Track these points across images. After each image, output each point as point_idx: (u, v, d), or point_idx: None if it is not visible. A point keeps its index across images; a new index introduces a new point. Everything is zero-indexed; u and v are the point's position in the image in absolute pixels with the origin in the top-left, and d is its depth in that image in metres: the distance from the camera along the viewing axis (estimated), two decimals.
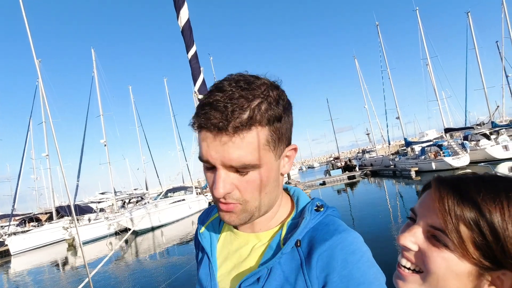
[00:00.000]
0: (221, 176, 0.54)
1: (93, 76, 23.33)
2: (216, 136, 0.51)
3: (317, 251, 0.54)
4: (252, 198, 0.56)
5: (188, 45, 2.27)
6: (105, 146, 22.42)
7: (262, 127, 0.52)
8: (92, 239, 18.30)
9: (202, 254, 0.71)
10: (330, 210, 0.63)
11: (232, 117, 0.50)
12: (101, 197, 33.18)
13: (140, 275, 9.47)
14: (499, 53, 29.95)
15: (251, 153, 0.52)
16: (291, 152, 0.61)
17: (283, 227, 0.62)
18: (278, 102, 0.54)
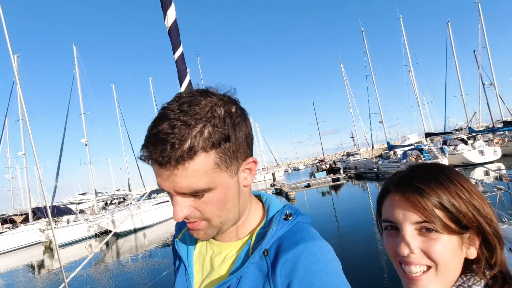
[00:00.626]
0: (178, 202, 0.55)
1: (74, 73, 22.61)
2: (161, 169, 0.52)
3: (281, 259, 0.55)
4: (214, 215, 0.57)
5: (174, 46, 2.26)
6: (86, 145, 21.75)
7: (207, 153, 0.52)
8: (70, 242, 17.67)
9: (179, 262, 0.71)
10: (300, 218, 0.63)
11: (172, 151, 0.49)
12: (81, 198, 32.12)
13: (120, 278, 9.21)
14: (476, 62, 31.36)
15: (199, 179, 0.52)
16: (251, 165, 0.61)
17: (253, 237, 0.64)
18: (225, 122, 0.54)
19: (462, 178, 0.56)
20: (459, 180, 0.55)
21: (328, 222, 12.00)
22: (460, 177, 0.56)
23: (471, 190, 0.54)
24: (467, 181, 0.55)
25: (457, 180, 0.55)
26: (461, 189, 0.54)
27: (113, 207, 25.77)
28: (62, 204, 26.90)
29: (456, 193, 0.53)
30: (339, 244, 8.86)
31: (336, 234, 9.97)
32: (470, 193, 0.54)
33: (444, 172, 0.56)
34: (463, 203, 0.52)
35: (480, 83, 31.35)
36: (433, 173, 0.56)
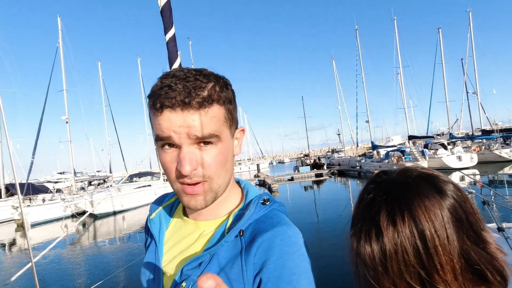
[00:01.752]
0: (187, 153, 0.56)
1: (58, 46, 21.55)
2: (181, 111, 0.54)
3: (258, 240, 0.58)
4: (216, 174, 0.59)
5: (166, 26, 2.18)
6: (66, 123, 21.01)
7: (220, 106, 0.58)
8: (45, 221, 17.18)
9: (150, 240, 0.73)
10: (276, 205, 0.66)
11: (195, 93, 0.54)
12: (59, 177, 31.12)
13: (95, 260, 9.04)
14: (462, 70, 32.20)
15: (214, 124, 0.57)
16: (240, 133, 0.67)
17: (230, 217, 0.65)
18: (227, 87, 0.61)
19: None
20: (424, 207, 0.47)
21: (309, 216, 12.20)
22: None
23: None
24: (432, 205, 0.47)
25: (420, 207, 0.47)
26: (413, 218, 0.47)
27: (93, 188, 25.21)
28: (38, 182, 25.96)
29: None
30: (318, 237, 9.04)
31: (315, 227, 10.16)
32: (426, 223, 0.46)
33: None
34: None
35: (464, 91, 32.30)
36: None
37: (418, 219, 0.46)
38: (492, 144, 24.86)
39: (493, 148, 24.11)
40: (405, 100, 30.16)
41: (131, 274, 7.02)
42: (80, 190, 22.91)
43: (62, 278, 7.47)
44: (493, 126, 29.94)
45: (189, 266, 0.60)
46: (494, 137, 25.08)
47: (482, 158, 22.98)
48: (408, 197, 0.49)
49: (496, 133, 25.82)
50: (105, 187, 22.71)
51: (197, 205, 0.60)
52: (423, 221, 0.46)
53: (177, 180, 0.59)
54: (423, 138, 27.86)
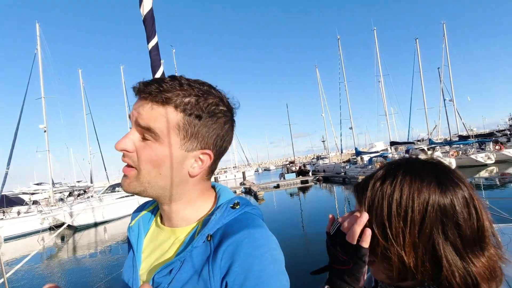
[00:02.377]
0: (129, 133, 0.61)
1: (36, 53, 20.86)
2: (140, 99, 0.60)
3: (225, 243, 0.57)
4: (144, 169, 0.60)
5: (149, 35, 2.16)
6: (45, 132, 20.19)
7: (175, 110, 0.58)
8: (20, 234, 16.31)
9: (129, 247, 0.73)
10: (249, 208, 0.66)
11: (154, 89, 0.58)
12: (36, 188, 29.75)
13: (73, 274, 8.63)
14: (439, 79, 33.62)
15: (158, 122, 0.58)
16: (205, 156, 0.63)
17: (200, 223, 0.65)
18: (207, 107, 0.60)
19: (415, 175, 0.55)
20: (412, 177, 0.55)
21: (295, 222, 12.21)
22: (416, 173, 0.55)
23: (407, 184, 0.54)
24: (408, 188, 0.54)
25: (408, 176, 0.55)
26: (398, 182, 0.55)
27: (72, 199, 24.24)
28: (13, 194, 24.71)
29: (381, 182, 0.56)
30: (304, 241, 9.03)
31: (301, 234, 10.18)
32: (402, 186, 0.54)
33: (402, 166, 0.58)
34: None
35: (441, 99, 33.73)
36: (392, 166, 0.59)
37: (401, 187, 0.54)
38: (468, 149, 25.93)
39: (469, 153, 25.13)
40: (386, 107, 31.10)
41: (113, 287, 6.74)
42: (58, 201, 21.96)
43: None
44: (469, 132, 31.32)
45: (160, 274, 0.60)
46: (470, 142, 26.19)
47: (459, 163, 23.87)
48: (407, 170, 0.56)
49: (472, 139, 26.99)
50: (86, 198, 21.91)
51: (124, 185, 0.62)
52: (405, 191, 0.53)
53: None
54: (404, 144, 28.69)
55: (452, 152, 26.00)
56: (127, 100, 32.17)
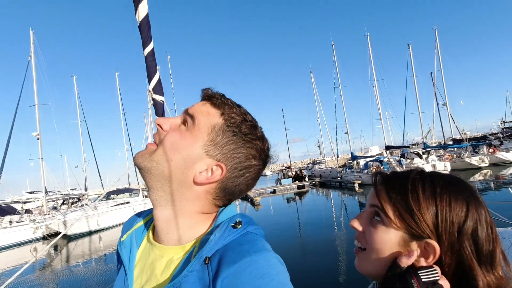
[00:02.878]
0: (173, 117, 0.65)
1: (29, 60, 20.71)
2: (203, 101, 0.65)
3: (223, 273, 0.51)
4: (163, 148, 0.61)
5: (145, 41, 2.18)
6: (38, 139, 19.94)
7: (221, 116, 0.61)
8: (12, 244, 15.98)
9: (120, 265, 0.67)
10: (251, 228, 0.60)
11: (212, 94, 0.65)
12: (28, 197, 29.22)
13: (68, 285, 8.43)
14: (432, 83, 34.13)
15: (201, 115, 0.62)
16: (217, 170, 0.61)
17: (197, 242, 0.60)
18: (242, 128, 0.62)
19: (449, 189, 0.55)
20: (442, 190, 0.54)
21: (291, 228, 12.15)
22: (449, 188, 0.55)
23: (445, 201, 0.53)
24: (447, 202, 0.53)
25: (437, 188, 0.54)
26: (431, 195, 0.54)
27: (66, 207, 23.87)
28: (5, 203, 24.24)
29: (421, 197, 0.54)
30: (301, 249, 8.97)
31: (298, 240, 10.13)
32: (440, 203, 0.53)
33: (429, 178, 0.57)
34: (421, 214, 0.53)
35: (435, 103, 34.20)
36: (411, 176, 0.58)
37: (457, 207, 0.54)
38: (462, 153, 26.24)
39: (463, 156, 25.44)
40: (381, 112, 31.36)
41: None
42: (52, 210, 21.59)
43: None
44: (462, 135, 31.72)
45: None
46: (464, 146, 26.53)
47: (454, 166, 24.14)
48: (450, 189, 0.55)
49: (466, 142, 27.32)
50: (80, 206, 21.58)
51: (137, 156, 0.63)
52: (458, 211, 0.53)
53: None
54: (399, 148, 28.94)
55: (446, 156, 26.27)
56: (122, 107, 32.06)
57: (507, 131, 35.45)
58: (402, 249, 0.55)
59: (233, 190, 0.64)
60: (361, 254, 0.60)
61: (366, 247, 0.59)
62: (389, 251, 0.55)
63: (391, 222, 0.55)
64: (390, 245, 0.55)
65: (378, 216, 0.57)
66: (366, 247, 0.59)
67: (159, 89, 2.28)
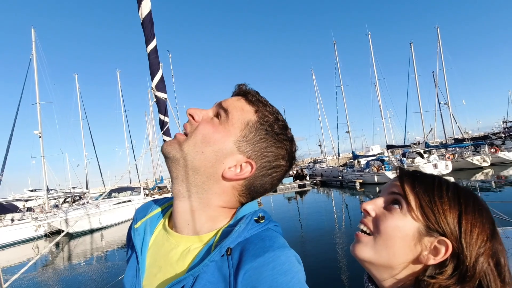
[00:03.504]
0: (206, 109, 0.64)
1: (31, 58, 20.77)
2: (239, 95, 0.65)
3: (245, 266, 0.51)
4: (194, 139, 0.60)
5: (148, 38, 2.17)
6: (39, 138, 20.03)
7: (255, 113, 0.62)
8: (14, 242, 16.04)
9: (132, 252, 0.66)
10: (271, 225, 0.60)
11: (253, 95, 0.64)
12: (30, 195, 29.43)
13: (70, 282, 8.48)
14: (434, 82, 34.03)
15: (236, 110, 0.61)
16: (247, 166, 0.61)
17: (218, 234, 0.59)
18: (274, 128, 0.62)
19: (468, 198, 0.55)
20: (462, 196, 0.54)
21: (292, 227, 12.16)
22: (466, 196, 0.55)
23: (468, 209, 0.53)
24: (471, 202, 0.54)
25: (458, 195, 0.54)
26: (454, 200, 0.53)
27: (67, 205, 23.96)
28: (7, 200, 24.37)
29: (445, 197, 0.53)
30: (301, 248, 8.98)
31: (299, 239, 10.12)
32: (464, 210, 0.53)
33: (450, 183, 0.57)
34: (446, 209, 0.53)
35: (437, 102, 34.11)
36: (439, 178, 0.58)
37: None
38: (464, 152, 26.17)
39: (465, 156, 25.37)
40: (382, 111, 31.29)
41: None
42: (53, 208, 21.68)
43: None
44: (464, 135, 31.64)
45: None
46: (466, 145, 26.45)
47: (456, 165, 24.09)
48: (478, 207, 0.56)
49: (468, 142, 27.26)
50: (81, 204, 21.66)
51: (166, 144, 0.63)
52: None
53: None
54: (400, 147, 28.87)
55: (448, 155, 26.22)
56: (123, 105, 32.08)
57: (509, 131, 35.37)
58: (414, 241, 0.53)
59: (258, 188, 0.63)
60: (365, 238, 0.58)
61: (375, 232, 0.57)
62: (401, 240, 0.54)
63: (411, 211, 0.54)
64: (403, 234, 0.54)
65: (397, 204, 0.56)
66: (375, 232, 0.57)
67: (162, 86, 2.28)
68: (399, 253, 0.55)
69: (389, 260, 0.55)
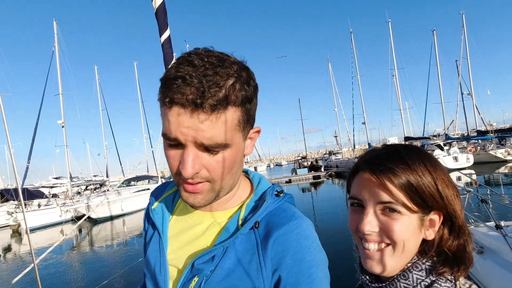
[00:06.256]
0: (191, 156, 0.52)
1: (53, 50, 21.41)
2: (191, 113, 0.48)
3: (274, 234, 0.56)
4: (219, 177, 0.56)
5: (161, 28, 2.19)
6: (62, 127, 20.80)
7: (236, 108, 0.52)
8: (41, 226, 16.97)
9: (153, 230, 0.70)
10: (287, 197, 0.65)
11: (209, 94, 0.48)
12: (54, 182, 30.86)
13: (94, 264, 8.94)
14: (457, 72, 32.54)
15: (224, 133, 0.51)
16: (255, 134, 0.62)
17: (242, 208, 0.63)
18: (249, 83, 0.55)
19: (429, 160, 0.58)
20: (426, 162, 0.57)
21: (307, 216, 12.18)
22: (428, 159, 0.58)
23: (436, 173, 0.56)
24: (434, 164, 0.58)
25: (424, 162, 0.57)
26: (426, 171, 0.56)
27: (89, 193, 24.99)
28: (33, 187, 25.67)
29: (422, 175, 0.55)
30: None
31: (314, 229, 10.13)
32: (435, 176, 0.56)
33: (413, 154, 0.58)
34: (427, 186, 0.55)
35: (459, 92, 32.67)
36: (403, 155, 0.58)
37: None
38: (487, 145, 25.10)
39: (488, 149, 24.33)
40: (400, 102, 30.45)
41: (131, 277, 6.97)
42: (76, 194, 22.69)
43: (62, 281, 7.39)
44: (488, 127, 30.28)
45: (201, 260, 0.58)
46: (489, 138, 25.31)
47: (477, 159, 23.18)
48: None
49: (491, 134, 26.09)
50: (102, 192, 22.53)
51: (195, 203, 0.57)
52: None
53: (178, 176, 0.55)
54: (419, 139, 28.02)
55: (469, 148, 25.25)
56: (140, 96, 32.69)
57: None
58: (419, 227, 0.56)
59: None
60: (384, 252, 0.57)
61: (391, 241, 0.56)
62: (412, 235, 0.56)
63: (408, 209, 0.55)
64: (412, 229, 0.56)
65: (392, 210, 0.55)
66: (391, 241, 0.56)
67: None
68: (414, 247, 0.58)
69: (406, 259, 0.58)
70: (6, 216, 17.44)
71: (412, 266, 0.57)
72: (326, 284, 0.58)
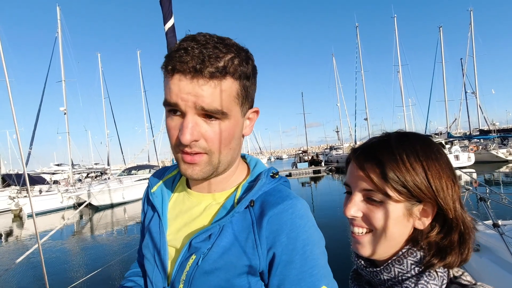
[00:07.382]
0: (190, 122, 0.54)
1: (56, 36, 21.28)
2: (191, 79, 0.51)
3: (268, 213, 0.57)
4: (217, 149, 0.57)
5: (165, 16, 2.16)
6: (65, 114, 20.79)
7: (234, 80, 0.55)
8: (42, 212, 17.16)
9: (153, 213, 0.71)
10: (282, 180, 0.67)
11: (208, 62, 0.51)
12: (56, 169, 31.02)
13: (93, 250, 9.07)
14: (462, 70, 32.20)
15: (224, 99, 0.54)
16: (253, 114, 0.64)
17: (238, 189, 0.65)
18: (248, 62, 0.57)
19: (422, 148, 0.57)
20: (419, 151, 0.56)
21: None
22: (421, 147, 0.57)
23: (427, 162, 0.55)
24: (427, 152, 0.56)
25: (415, 151, 0.56)
26: (415, 161, 0.55)
27: (89, 180, 25.15)
28: (35, 173, 25.85)
29: (408, 167, 0.55)
30: None
31: None
32: (426, 166, 0.55)
33: (404, 143, 0.58)
34: (412, 176, 0.54)
35: (463, 91, 32.39)
36: (392, 145, 0.58)
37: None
38: (489, 144, 25.02)
39: (490, 148, 24.26)
40: (404, 99, 30.24)
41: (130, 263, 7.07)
42: (77, 182, 22.85)
43: (63, 265, 7.51)
44: (490, 126, 30.11)
45: (198, 239, 0.59)
46: (492, 137, 25.21)
47: (479, 158, 23.14)
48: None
49: (494, 133, 25.98)
50: (103, 180, 22.69)
51: (193, 175, 0.59)
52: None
53: (177, 147, 0.57)
54: None
55: (471, 147, 25.18)
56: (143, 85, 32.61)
57: None
58: (406, 217, 0.57)
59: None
60: (364, 238, 0.60)
61: (373, 228, 0.58)
62: (395, 223, 0.56)
63: (391, 198, 0.55)
64: (395, 218, 0.56)
65: (374, 198, 0.57)
66: (373, 228, 0.58)
67: None
68: (398, 234, 0.58)
69: (392, 245, 0.58)
70: (8, 201, 17.62)
71: (407, 252, 0.58)
72: (322, 261, 0.58)
